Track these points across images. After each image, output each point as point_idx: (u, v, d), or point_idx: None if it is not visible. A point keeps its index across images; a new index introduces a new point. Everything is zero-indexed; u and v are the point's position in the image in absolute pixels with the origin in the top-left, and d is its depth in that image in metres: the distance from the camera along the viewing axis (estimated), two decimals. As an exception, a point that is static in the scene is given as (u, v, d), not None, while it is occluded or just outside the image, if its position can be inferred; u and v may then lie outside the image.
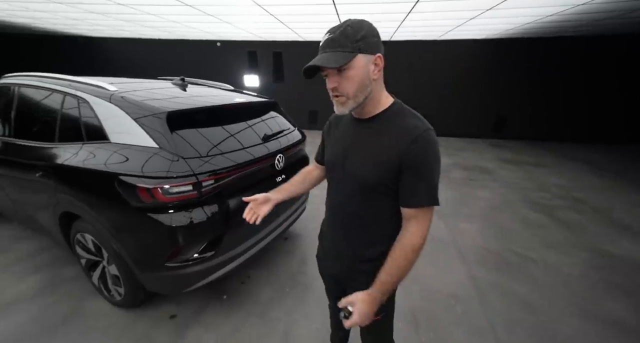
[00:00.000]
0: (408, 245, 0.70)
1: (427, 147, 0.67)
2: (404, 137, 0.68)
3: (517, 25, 4.50)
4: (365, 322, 0.68)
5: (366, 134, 0.75)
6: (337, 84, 0.68)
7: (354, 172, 0.75)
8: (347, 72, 0.66)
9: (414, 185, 0.69)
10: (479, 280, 1.98)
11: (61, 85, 1.61)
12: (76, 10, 4.24)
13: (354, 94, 0.68)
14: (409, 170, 0.68)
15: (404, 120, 0.71)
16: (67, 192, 1.44)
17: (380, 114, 0.74)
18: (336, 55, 0.65)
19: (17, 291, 1.77)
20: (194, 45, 7.12)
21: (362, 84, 0.68)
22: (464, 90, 6.48)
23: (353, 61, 0.65)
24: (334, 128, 0.88)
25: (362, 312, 0.67)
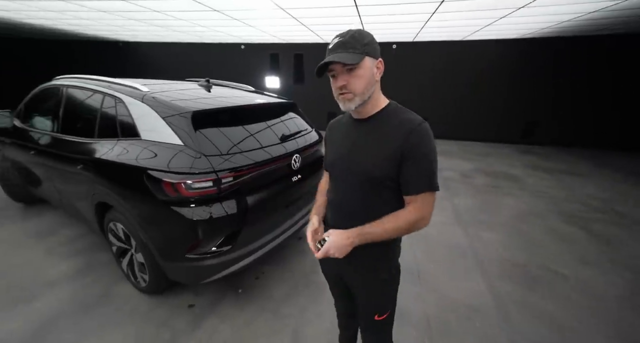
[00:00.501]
0: (402, 215, 0.76)
1: (422, 137, 0.74)
2: (402, 130, 0.75)
3: (553, 24, 4.20)
4: (334, 253, 0.75)
5: (367, 132, 0.81)
6: (346, 82, 0.74)
7: (359, 169, 0.80)
8: (357, 71, 0.73)
9: (413, 174, 0.75)
10: (500, 293, 1.88)
11: (101, 86, 1.77)
12: (118, 17, 4.63)
13: (362, 92, 0.75)
14: (408, 161, 0.74)
15: (400, 117, 0.78)
16: (103, 184, 1.58)
17: (378, 113, 0.81)
18: (351, 55, 0.72)
19: (60, 271, 1.96)
20: (219, 48, 7.45)
21: (368, 83, 0.75)
22: (490, 93, 6.15)
23: (363, 62, 0.73)
24: (335, 132, 0.94)
25: (335, 243, 0.75)
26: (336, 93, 0.78)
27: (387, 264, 0.90)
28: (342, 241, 0.74)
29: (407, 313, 1.68)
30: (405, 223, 0.75)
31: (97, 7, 3.99)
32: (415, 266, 2.13)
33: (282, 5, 3.43)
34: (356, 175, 0.81)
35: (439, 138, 6.33)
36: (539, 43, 5.51)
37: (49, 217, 2.68)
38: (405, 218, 0.75)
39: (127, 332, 1.51)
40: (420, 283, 1.94)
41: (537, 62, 5.69)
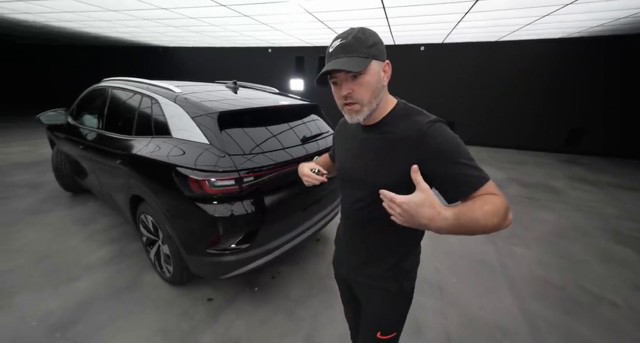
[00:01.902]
0: (495, 200, 0.58)
1: (441, 133, 0.63)
2: (412, 133, 0.65)
3: (606, 21, 3.79)
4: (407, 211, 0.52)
5: (374, 139, 0.73)
6: (351, 91, 0.66)
7: (368, 179, 0.73)
8: (363, 77, 0.65)
9: (455, 174, 0.61)
10: (533, 315, 1.71)
11: (140, 87, 1.92)
12: (159, 25, 5.01)
13: (369, 101, 0.67)
14: (437, 162, 0.62)
15: (409, 119, 0.69)
16: (137, 178, 1.70)
17: (385, 118, 0.72)
18: (354, 60, 0.63)
19: (97, 256, 2.14)
20: (248, 52, 7.75)
21: (375, 90, 0.67)
22: (527, 97, 5.70)
23: (369, 67, 0.64)
24: (342, 135, 0.87)
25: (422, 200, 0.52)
26: (340, 103, 0.70)
27: (401, 276, 0.81)
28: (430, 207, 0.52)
29: (425, 327, 1.59)
30: (503, 208, 0.57)
31: (141, 16, 4.35)
32: (436, 278, 2.02)
33: (309, 9, 3.48)
34: (364, 186, 0.74)
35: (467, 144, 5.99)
36: (587, 43, 5.00)
37: (90, 206, 2.94)
38: (501, 202, 0.57)
39: (152, 319, 1.60)
40: (442, 297, 1.83)
41: (584, 64, 5.17)
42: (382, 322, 0.85)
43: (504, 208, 0.57)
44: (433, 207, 0.52)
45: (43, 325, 1.53)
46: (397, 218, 0.55)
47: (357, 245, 0.85)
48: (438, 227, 0.53)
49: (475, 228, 0.55)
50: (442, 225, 0.53)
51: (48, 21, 5.17)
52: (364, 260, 0.83)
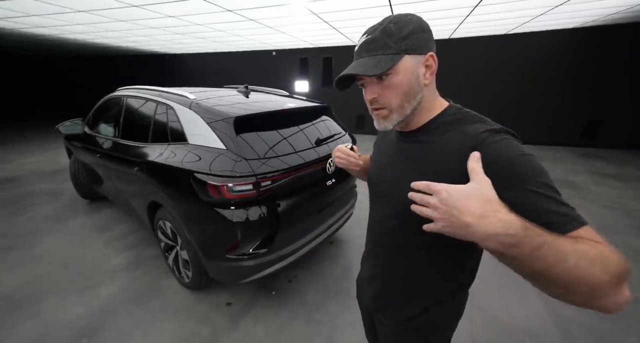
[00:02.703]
0: (615, 255, 0.38)
1: (505, 146, 0.46)
2: (463, 144, 0.50)
3: (623, 8, 3.64)
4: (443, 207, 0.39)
5: (412, 148, 0.60)
6: (377, 95, 0.56)
7: (394, 193, 0.60)
8: (390, 79, 0.54)
9: (525, 206, 0.42)
10: (564, 319, 1.63)
11: (154, 95, 1.94)
12: (167, 33, 5.11)
13: (399, 105, 0.55)
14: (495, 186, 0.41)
15: (460, 126, 0.54)
16: (154, 185, 1.72)
17: (429, 123, 0.58)
18: (375, 59, 0.53)
19: (115, 263, 2.17)
20: (252, 56, 7.83)
21: (409, 92, 0.54)
22: (541, 90, 5.53)
23: (398, 65, 0.52)
24: (380, 142, 0.76)
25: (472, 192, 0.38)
26: (369, 107, 0.60)
27: (428, 328, 0.65)
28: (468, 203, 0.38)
29: (451, 332, 1.54)
30: (614, 262, 0.37)
31: (149, 25, 4.44)
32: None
33: (315, 10, 3.48)
34: (394, 204, 0.61)
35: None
36: (604, 31, 4.82)
37: (107, 213, 3.00)
38: (610, 252, 0.39)
39: (174, 325, 1.61)
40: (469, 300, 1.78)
41: (598, 53, 4.98)
42: None
43: (617, 262, 0.37)
44: (489, 202, 0.37)
45: (71, 331, 1.55)
46: (431, 214, 0.40)
47: (379, 273, 0.71)
48: (489, 234, 0.36)
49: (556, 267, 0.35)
50: (498, 230, 0.36)
51: (62, 34, 5.35)
52: (384, 293, 0.70)
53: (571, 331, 1.55)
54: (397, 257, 0.65)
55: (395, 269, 0.66)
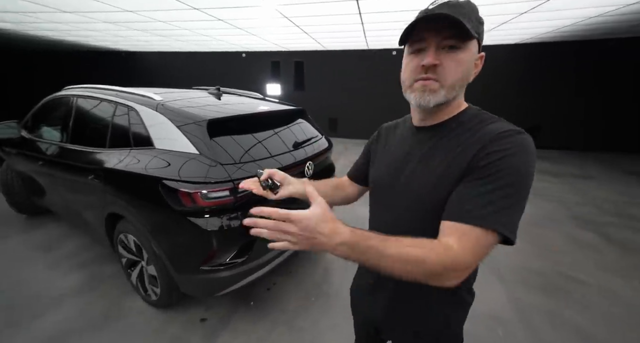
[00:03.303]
0: (437, 248, 0.44)
1: (518, 148, 0.47)
2: (484, 137, 0.50)
3: (554, 28, 4.25)
4: (291, 231, 0.42)
5: (431, 142, 0.58)
6: (439, 62, 0.49)
7: (416, 190, 0.56)
8: (460, 54, 0.49)
9: (481, 194, 0.45)
10: (521, 302, 1.81)
11: (113, 95, 1.76)
12: (123, 28, 4.69)
13: (452, 84, 0.51)
14: (479, 173, 0.47)
15: (482, 125, 0.53)
16: (115, 194, 1.55)
17: (451, 120, 0.57)
18: (467, 23, 0.47)
19: (65, 286, 1.90)
20: (221, 57, 7.55)
21: (464, 76, 0.52)
22: (491, 99, 6.18)
23: (471, 43, 0.50)
24: (385, 141, 0.71)
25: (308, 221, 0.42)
26: (412, 77, 0.53)
27: (453, 330, 0.66)
28: (318, 227, 0.42)
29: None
30: (437, 260, 0.43)
31: (101, 18, 4.04)
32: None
33: (286, 14, 3.48)
34: (405, 200, 0.58)
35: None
36: (541, 47, 5.56)
37: (52, 228, 2.62)
38: (438, 252, 0.44)
39: (138, 349, 1.45)
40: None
41: (539, 66, 5.74)
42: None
43: (436, 265, 0.43)
44: (333, 221, 0.44)
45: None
46: (289, 244, 0.44)
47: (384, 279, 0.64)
48: (334, 244, 0.43)
49: (378, 263, 0.43)
50: (337, 240, 0.43)
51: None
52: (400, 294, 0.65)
53: (525, 312, 1.72)
54: None
55: None
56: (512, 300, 1.83)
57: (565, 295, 1.88)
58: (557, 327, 1.62)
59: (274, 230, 0.44)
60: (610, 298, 1.85)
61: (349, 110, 7.06)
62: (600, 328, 1.61)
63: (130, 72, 8.49)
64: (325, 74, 7.03)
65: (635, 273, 2.10)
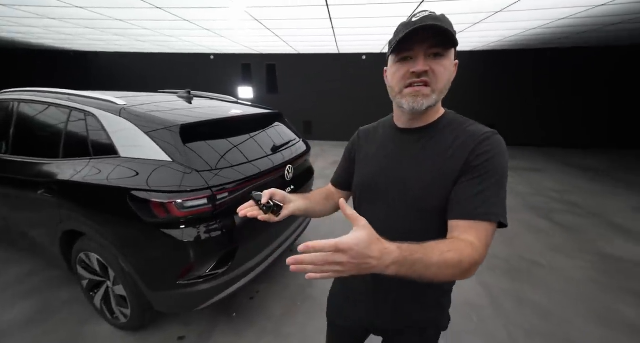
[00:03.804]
0: (467, 250, 0.48)
1: (495, 149, 0.54)
2: (468, 141, 0.56)
3: (501, 38, 4.75)
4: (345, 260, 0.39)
5: (418, 145, 0.61)
6: (428, 69, 0.54)
7: (403, 191, 0.60)
8: (445, 60, 0.54)
9: (477, 193, 0.52)
10: (491, 287, 1.98)
11: (66, 100, 1.58)
12: (70, 25, 4.24)
13: (442, 88, 0.56)
14: (470, 175, 0.54)
15: (463, 127, 0.59)
16: (73, 209, 1.39)
17: (436, 122, 0.62)
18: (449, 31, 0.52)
19: (9, 319, 1.64)
20: (186, 59, 7.19)
21: (449, 81, 0.57)
22: (452, 101, 6.68)
23: (451, 52, 0.55)
24: (366, 144, 0.73)
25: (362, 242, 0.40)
26: (402, 83, 0.57)
27: (439, 316, 0.70)
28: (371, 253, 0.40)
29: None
30: (469, 261, 0.47)
31: (46, 14, 3.62)
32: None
33: (257, 16, 3.43)
34: (398, 201, 0.61)
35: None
36: (493, 55, 6.18)
37: (-10, 253, 2.27)
38: (469, 254, 0.48)
39: (106, 379, 1.31)
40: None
41: (492, 71, 6.36)
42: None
43: (469, 264, 0.47)
44: (379, 241, 0.42)
45: None
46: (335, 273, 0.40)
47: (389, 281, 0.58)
48: (385, 265, 0.42)
49: (425, 273, 0.45)
50: (388, 261, 0.42)
51: None
52: (406, 300, 0.67)
53: (495, 296, 1.89)
54: None
55: None
56: (483, 286, 1.98)
57: (526, 277, 2.09)
58: (522, 306, 1.79)
59: (323, 264, 0.39)
60: (560, 276, 2.10)
61: (323, 113, 7.14)
62: (555, 304, 1.82)
63: (81, 74, 7.69)
64: (298, 77, 7.04)
65: (578, 252, 2.41)
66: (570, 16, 3.33)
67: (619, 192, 3.82)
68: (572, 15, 3.27)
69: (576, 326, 1.64)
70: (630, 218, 3.02)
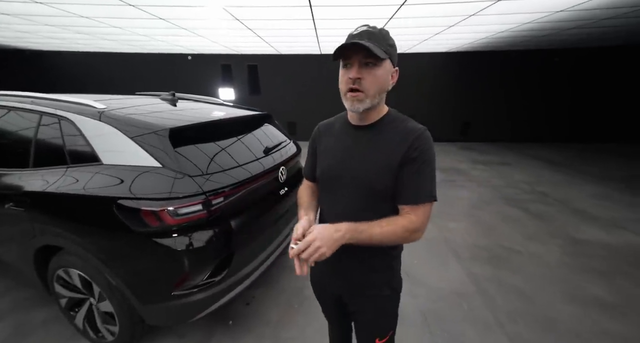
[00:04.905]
0: (400, 222, 0.68)
1: (427, 143, 0.70)
2: (406, 137, 0.70)
3: (472, 40, 5.04)
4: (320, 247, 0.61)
5: (367, 139, 0.74)
6: (361, 76, 0.66)
7: (357, 179, 0.73)
8: (377, 70, 0.66)
9: (414, 182, 0.69)
10: (476, 275, 2.09)
11: (30, 103, 1.45)
12: (26, 22, 3.88)
13: (374, 94, 0.68)
14: (409, 167, 0.69)
15: (403, 124, 0.73)
16: (50, 223, 1.27)
17: (380, 120, 0.75)
18: (377, 48, 0.63)
19: (-25, 347, 1.48)
20: (162, 59, 6.86)
21: (382, 87, 0.69)
22: (428, 100, 6.98)
23: (384, 62, 0.66)
24: (326, 137, 0.84)
25: (321, 234, 0.63)
26: (345, 88, 0.69)
27: (391, 278, 0.83)
28: (330, 233, 0.63)
29: (404, 313, 1.74)
30: (402, 230, 0.67)
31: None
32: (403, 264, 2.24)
33: (237, 16, 3.35)
34: (353, 187, 0.74)
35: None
36: (467, 56, 6.51)
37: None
38: (403, 225, 0.68)
39: (96, 403, 1.22)
40: (409, 280, 2.05)
41: (467, 71, 6.68)
42: (379, 327, 0.86)
43: (404, 232, 0.67)
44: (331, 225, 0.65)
45: None
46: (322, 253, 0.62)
47: (349, 255, 0.75)
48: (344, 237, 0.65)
49: (372, 242, 0.67)
50: (343, 233, 0.65)
51: None
52: (359, 269, 0.81)
53: (481, 283, 2.00)
54: None
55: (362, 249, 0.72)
56: (469, 275, 2.10)
57: (506, 263, 2.24)
58: (506, 292, 1.92)
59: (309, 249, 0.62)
60: (536, 261, 2.28)
61: (307, 114, 7.13)
62: (533, 287, 1.96)
63: (39, 76, 7.04)
64: (281, 78, 6.97)
65: (550, 238, 2.62)
66: (533, 21, 3.61)
67: (579, 181, 4.21)
68: (535, 20, 3.55)
69: (552, 306, 1.79)
70: (591, 205, 3.34)
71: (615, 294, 1.89)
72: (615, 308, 1.76)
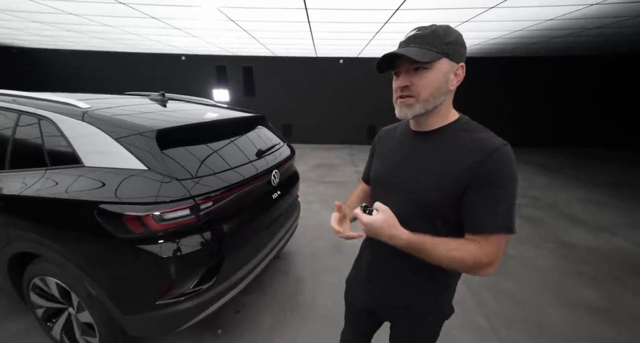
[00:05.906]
0: (472, 249, 0.58)
1: (506, 161, 0.58)
2: (477, 150, 0.60)
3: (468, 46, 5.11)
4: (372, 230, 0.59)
5: (427, 147, 0.67)
6: (409, 83, 0.61)
7: (410, 189, 0.67)
8: (427, 72, 0.60)
9: (487, 207, 0.58)
10: (469, 280, 2.08)
11: (11, 102, 1.37)
12: (13, 18, 3.76)
13: (426, 98, 0.62)
14: (481, 189, 0.58)
15: (474, 134, 0.63)
16: (27, 228, 1.20)
17: (445, 127, 0.67)
18: (422, 51, 0.59)
19: (-60, 362, 1.38)
20: (155, 59, 6.75)
21: (438, 90, 0.62)
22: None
23: (436, 63, 0.60)
24: (386, 142, 0.81)
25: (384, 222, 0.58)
26: (395, 95, 0.65)
27: (440, 305, 0.76)
28: (390, 227, 0.58)
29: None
30: (474, 261, 0.58)
31: (-16, 4, 3.17)
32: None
33: (232, 17, 3.32)
34: (406, 199, 0.67)
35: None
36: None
37: None
38: (476, 256, 0.58)
39: None
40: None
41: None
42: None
43: (473, 263, 0.58)
44: (395, 228, 0.59)
45: None
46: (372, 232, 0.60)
47: (392, 269, 0.74)
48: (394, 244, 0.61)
49: (432, 261, 0.60)
50: (399, 243, 0.60)
51: None
52: (403, 285, 0.75)
53: (474, 288, 1.99)
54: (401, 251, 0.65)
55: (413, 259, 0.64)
56: (464, 280, 2.08)
57: (500, 268, 2.23)
58: (499, 297, 1.91)
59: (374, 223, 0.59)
60: (528, 265, 2.28)
61: (303, 116, 7.10)
62: (526, 291, 1.96)
63: (26, 74, 6.84)
64: (276, 80, 6.93)
65: (542, 242, 2.64)
66: (524, 28, 3.69)
67: (568, 185, 4.29)
68: (526, 27, 3.63)
69: (545, 310, 1.79)
70: (579, 209, 3.40)
71: (604, 298, 1.90)
72: (607, 313, 1.77)
